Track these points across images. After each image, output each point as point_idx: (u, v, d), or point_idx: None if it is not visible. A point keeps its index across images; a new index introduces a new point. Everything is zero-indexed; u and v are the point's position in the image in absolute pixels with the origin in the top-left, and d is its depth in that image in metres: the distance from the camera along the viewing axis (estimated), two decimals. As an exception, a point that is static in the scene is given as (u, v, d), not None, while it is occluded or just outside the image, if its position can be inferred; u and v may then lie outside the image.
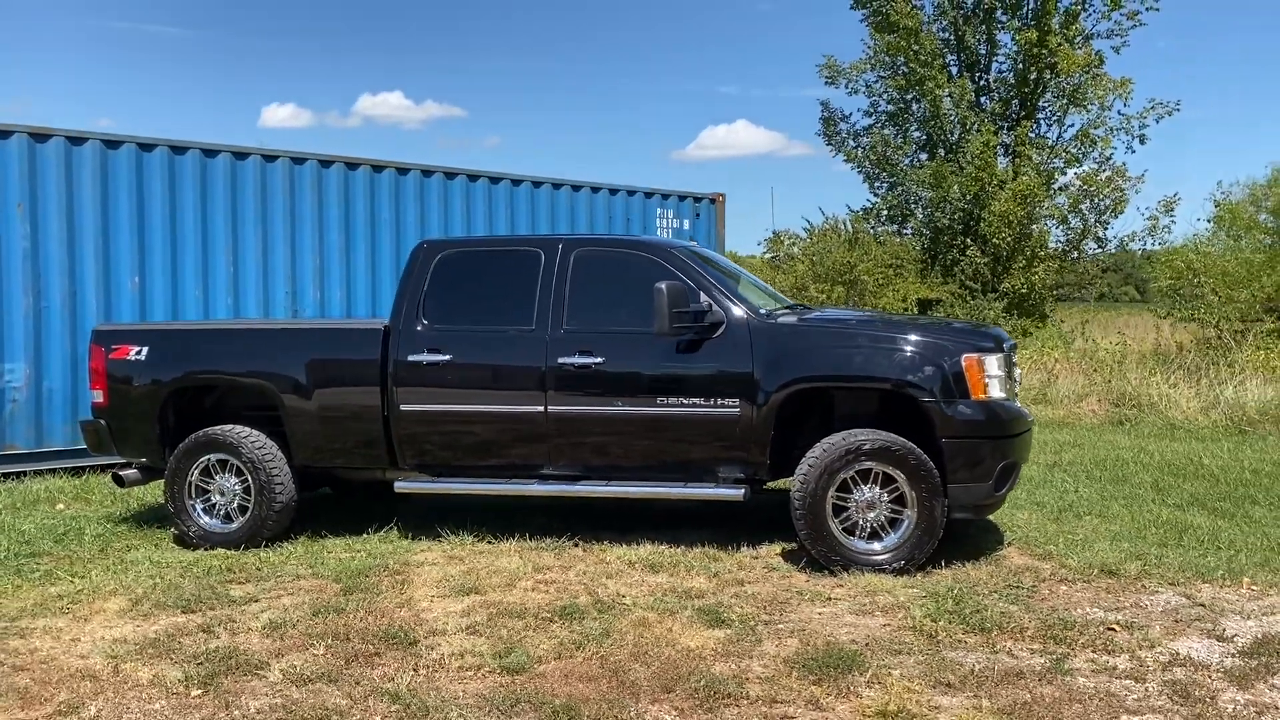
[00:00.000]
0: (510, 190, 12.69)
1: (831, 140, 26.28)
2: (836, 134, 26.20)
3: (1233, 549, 6.92)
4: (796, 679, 4.61)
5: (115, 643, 5.10)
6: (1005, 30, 24.55)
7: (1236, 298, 20.77)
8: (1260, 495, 8.81)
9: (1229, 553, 6.80)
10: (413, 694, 4.41)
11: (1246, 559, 6.63)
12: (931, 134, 24.65)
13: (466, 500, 8.01)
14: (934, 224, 23.95)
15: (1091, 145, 24.33)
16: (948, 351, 6.33)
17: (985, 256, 23.32)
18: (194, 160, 10.50)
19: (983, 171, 23.12)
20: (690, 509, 7.86)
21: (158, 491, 8.58)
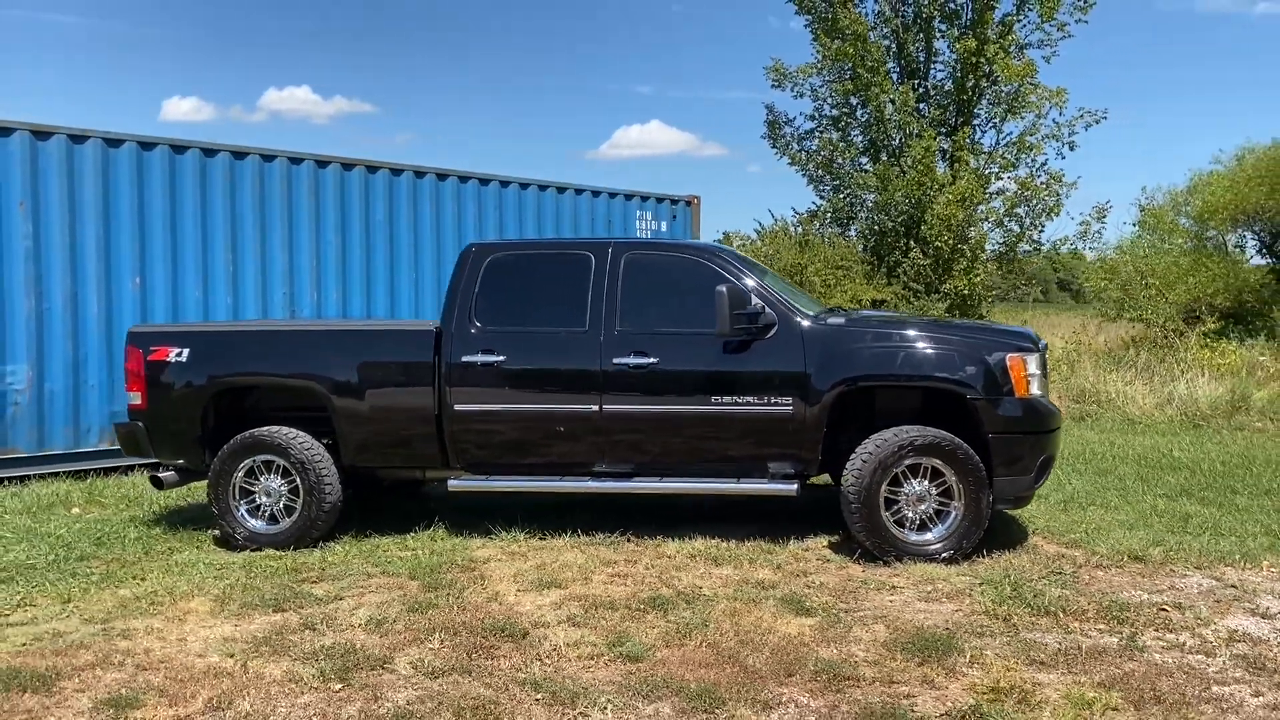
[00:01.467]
0: (499, 191, 12.80)
1: (776, 143, 26.74)
2: (781, 137, 26.67)
3: (1236, 535, 7.41)
4: (902, 661, 4.89)
5: (226, 641, 5.15)
6: (945, 39, 25.30)
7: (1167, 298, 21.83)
8: (1238, 485, 9.39)
9: (1235, 538, 7.28)
10: (551, 682, 4.58)
11: (1254, 544, 7.11)
12: (875, 139, 25.27)
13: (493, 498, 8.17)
14: (879, 227, 24.56)
15: (1026, 151, 25.21)
16: (993, 351, 6.70)
17: (927, 258, 24.01)
18: (194, 159, 10.40)
19: (924, 176, 23.81)
20: (722, 504, 8.10)
21: (171, 494, 8.57)
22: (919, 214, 23.96)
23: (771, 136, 26.79)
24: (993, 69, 24.71)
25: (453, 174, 12.39)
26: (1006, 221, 25.37)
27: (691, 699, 4.41)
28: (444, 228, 12.24)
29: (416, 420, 7.16)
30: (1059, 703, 4.43)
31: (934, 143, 24.26)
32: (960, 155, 24.99)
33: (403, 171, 11.94)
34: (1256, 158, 24.99)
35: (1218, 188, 25.01)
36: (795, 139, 26.54)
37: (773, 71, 26.17)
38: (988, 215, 25.34)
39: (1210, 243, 26.14)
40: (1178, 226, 26.09)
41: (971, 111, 25.84)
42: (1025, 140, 24.71)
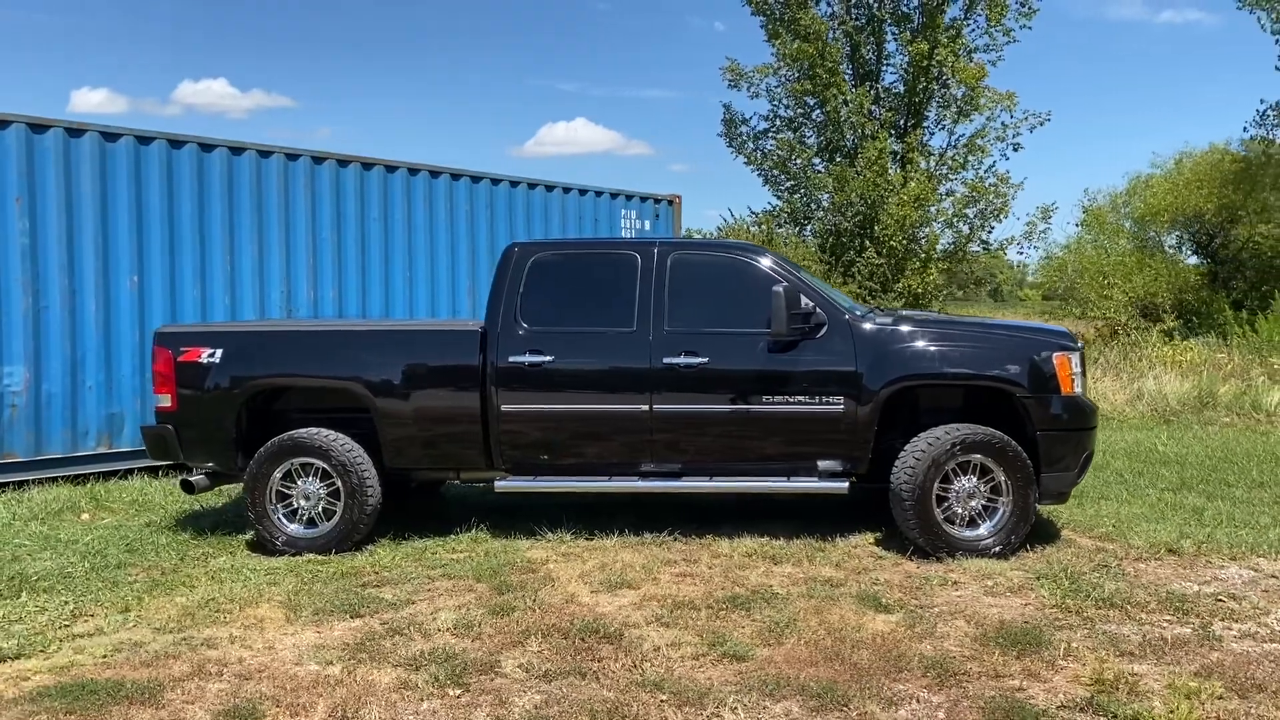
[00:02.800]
0: (490, 189, 12.69)
1: (732, 142, 26.94)
2: (737, 136, 26.88)
3: (1250, 526, 7.68)
4: (998, 655, 4.99)
5: (317, 649, 5.05)
6: (897, 42, 25.73)
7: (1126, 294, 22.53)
8: (1231, 478, 9.74)
9: (1252, 530, 7.55)
10: (669, 682, 4.58)
11: (1275, 534, 7.38)
12: (831, 140, 25.60)
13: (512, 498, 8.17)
14: (835, 227, 24.89)
15: (974, 153, 25.78)
16: (1040, 350, 6.86)
17: (882, 258, 24.42)
18: (191, 154, 10.13)
19: (879, 177, 24.20)
20: (750, 503, 8.14)
21: (181, 499, 8.35)
22: (873, 214, 24.32)
23: (728, 136, 27.00)
24: (943, 72, 25.21)
25: (445, 171, 12.25)
26: (956, 222, 25.88)
27: (815, 697, 4.45)
28: (436, 225, 12.10)
29: (462, 421, 7.08)
30: (1165, 693, 4.55)
31: (887, 144, 24.67)
32: (912, 157, 25.46)
33: (397, 169, 11.77)
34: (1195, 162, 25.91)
35: (1159, 190, 25.87)
36: (751, 138, 26.76)
37: (729, 71, 26.38)
38: (938, 215, 25.82)
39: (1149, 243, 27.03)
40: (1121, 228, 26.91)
41: (922, 114, 26.33)
42: (975, 142, 25.24)
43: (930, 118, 26.50)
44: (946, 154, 25.90)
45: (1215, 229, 26.65)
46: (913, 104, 26.08)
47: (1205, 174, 25.37)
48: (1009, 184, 25.21)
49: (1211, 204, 24.80)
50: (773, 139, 26.59)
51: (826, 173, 25.16)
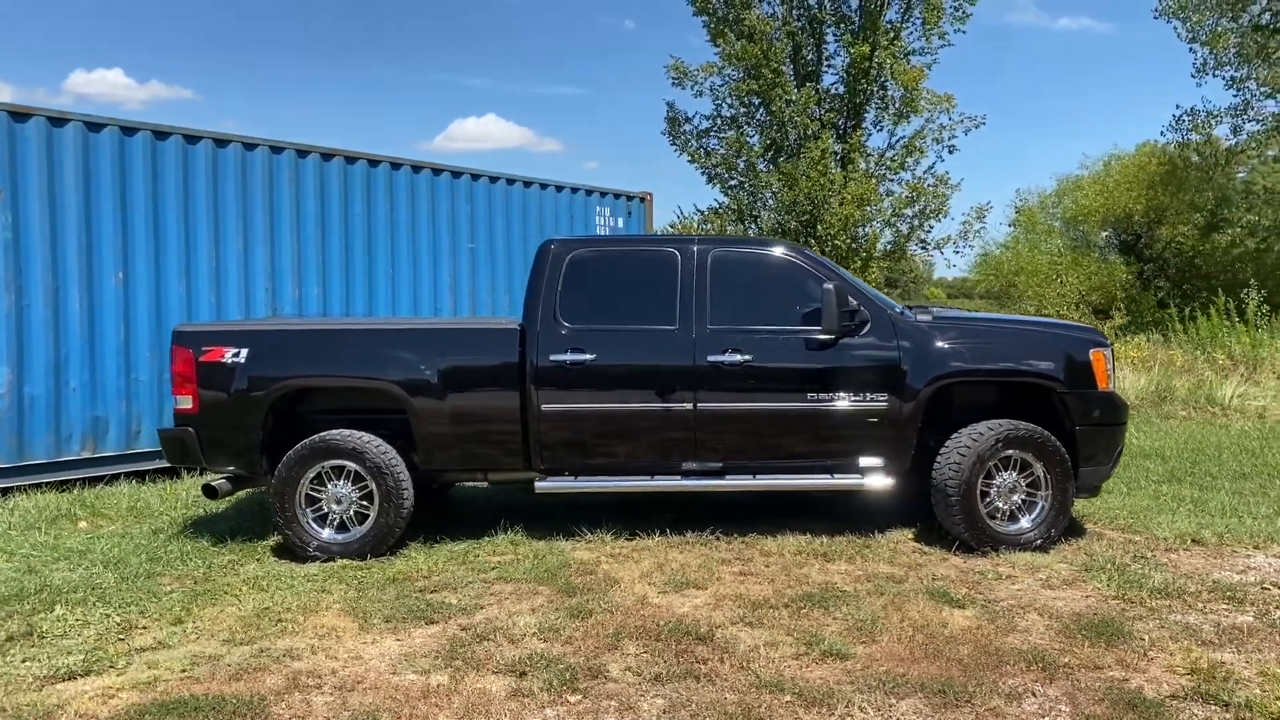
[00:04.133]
0: (470, 185, 12.48)
1: (676, 141, 26.99)
2: (681, 134, 26.93)
3: (1254, 517, 7.94)
4: (1088, 647, 5.07)
5: (408, 658, 4.89)
6: (839, 43, 26.06)
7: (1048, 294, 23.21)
8: (1213, 469, 10.08)
9: (1258, 520, 7.82)
10: (785, 683, 4.54)
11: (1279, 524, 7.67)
12: (775, 139, 25.80)
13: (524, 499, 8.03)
14: (781, 225, 25.10)
15: (913, 154, 26.25)
16: (1078, 347, 7.00)
17: (825, 257, 24.73)
18: (176, 146, 9.75)
19: (822, 176, 24.48)
20: (773, 500, 8.16)
21: (177, 505, 8.05)
22: (818, 214, 24.60)
23: (671, 134, 27.05)
24: (883, 74, 25.61)
25: (426, 167, 12.00)
26: (895, 222, 26.33)
27: (937, 693, 4.46)
28: (419, 221, 11.86)
29: (501, 421, 6.94)
30: (1261, 680, 4.68)
31: (830, 144, 24.97)
32: (853, 157, 25.82)
33: (380, 163, 11.49)
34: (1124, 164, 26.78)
35: (1090, 192, 26.68)
36: (695, 137, 26.84)
37: (673, 70, 26.42)
38: (878, 215, 26.24)
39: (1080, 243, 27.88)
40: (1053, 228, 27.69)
41: (861, 115, 26.71)
42: (914, 144, 25.70)
43: (869, 118, 26.92)
44: (886, 155, 26.33)
45: (1142, 229, 27.64)
46: (853, 105, 26.46)
47: (1134, 176, 26.29)
48: (948, 184, 25.76)
49: (1140, 205, 25.71)
50: (716, 138, 26.74)
51: (772, 171, 25.37)
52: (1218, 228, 29.37)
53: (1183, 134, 31.54)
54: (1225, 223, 29.57)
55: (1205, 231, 28.59)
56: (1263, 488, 9.20)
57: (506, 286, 12.82)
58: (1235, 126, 31.51)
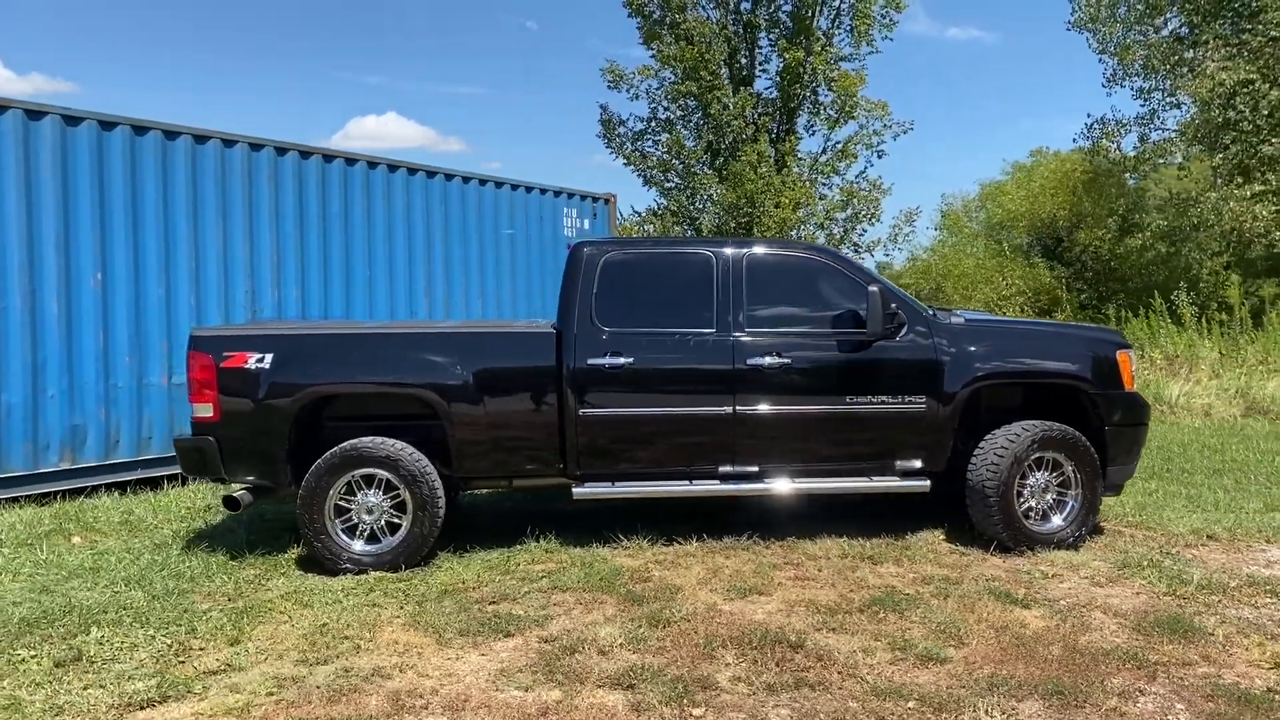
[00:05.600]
0: (444, 185, 12.21)
1: (611, 143, 26.93)
2: (616, 137, 26.88)
3: (1249, 511, 8.24)
4: (1168, 644, 5.17)
5: (504, 674, 4.73)
6: (774, 48, 26.32)
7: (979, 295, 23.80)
8: (1187, 465, 10.45)
9: (1256, 515, 8.10)
10: (906, 689, 4.52)
11: (1276, 518, 7.94)
12: (712, 142, 25.93)
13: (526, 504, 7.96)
14: (721, 227, 25.23)
15: (845, 159, 26.67)
16: (1105, 348, 7.15)
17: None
18: (154, 142, 9.30)
19: (760, 179, 24.70)
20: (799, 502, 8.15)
21: (170, 517, 7.72)
22: (756, 216, 24.80)
23: (606, 136, 26.98)
24: (815, 80, 25.94)
25: (402, 165, 11.70)
26: (828, 225, 26.70)
27: (1054, 695, 4.48)
28: (394, 221, 11.55)
29: (538, 426, 6.79)
30: (1342, 671, 4.83)
31: (766, 148, 25.20)
32: (787, 161, 26.11)
33: (357, 161, 11.17)
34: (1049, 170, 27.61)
35: (1015, 197, 27.45)
36: (630, 139, 26.81)
37: (609, 73, 26.36)
38: (812, 218, 26.58)
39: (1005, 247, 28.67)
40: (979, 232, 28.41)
41: (794, 119, 27.02)
42: (849, 148, 26.09)
43: (801, 123, 27.25)
44: (820, 159, 26.68)
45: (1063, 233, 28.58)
46: (787, 110, 26.75)
47: (1058, 182, 27.14)
48: (880, 189, 26.24)
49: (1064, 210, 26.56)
50: (652, 140, 26.77)
51: (710, 175, 25.48)
52: (1130, 232, 30.51)
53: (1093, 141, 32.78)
54: (1136, 227, 30.75)
55: (1119, 236, 29.69)
56: (1239, 483, 9.55)
57: (480, 289, 12.59)
58: (1142, 135, 32.86)
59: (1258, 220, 26.50)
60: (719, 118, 25.07)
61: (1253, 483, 9.52)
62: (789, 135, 26.46)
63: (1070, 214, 27.75)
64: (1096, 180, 27.46)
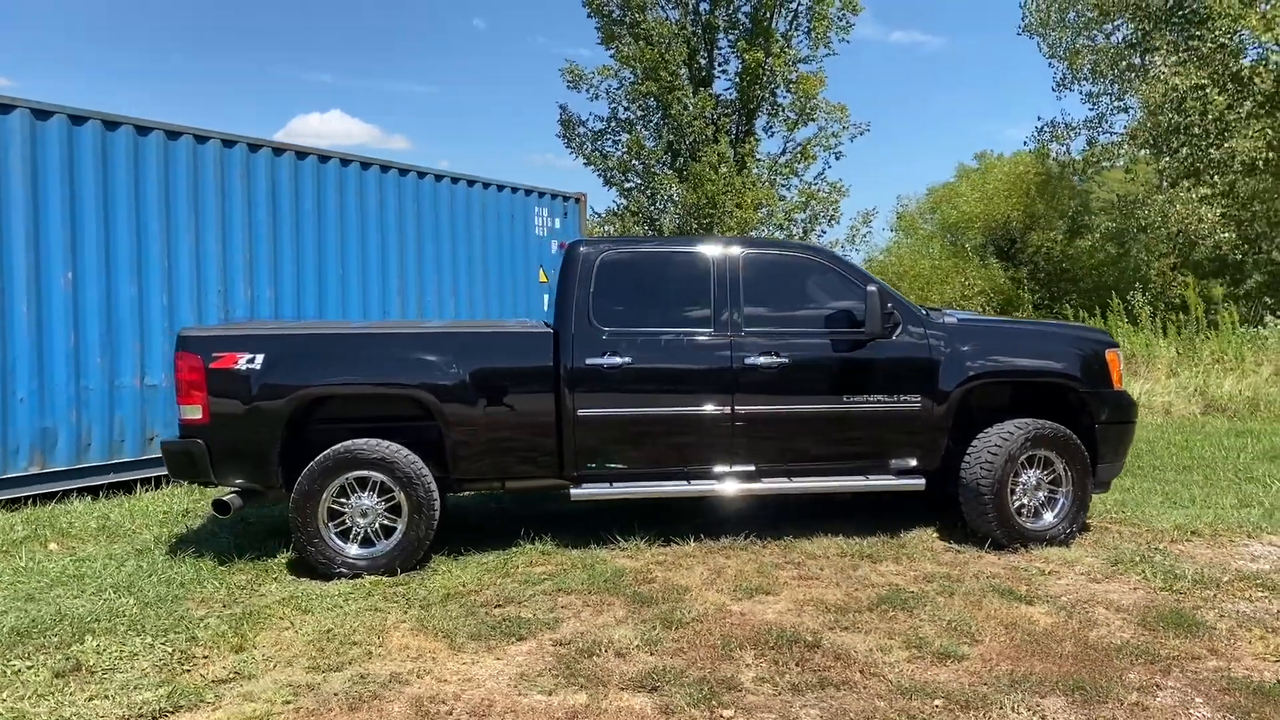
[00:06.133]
0: (417, 183, 12.06)
1: (570, 143, 26.85)
2: (575, 137, 26.81)
3: (1224, 507, 8.39)
4: (1175, 639, 5.24)
5: (522, 677, 4.66)
6: (733, 50, 26.41)
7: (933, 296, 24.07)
8: (1156, 463, 10.63)
9: (1232, 510, 8.26)
10: (928, 687, 4.52)
11: (1255, 514, 8.10)
12: (672, 143, 25.95)
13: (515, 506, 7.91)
14: (683, 228, 25.25)
15: (804, 160, 26.86)
16: (1095, 348, 7.25)
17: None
18: (126, 137, 9.07)
19: (722, 180, 24.77)
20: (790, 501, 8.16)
21: (136, 521, 7.56)
22: (718, 216, 24.87)
23: (566, 136, 26.90)
24: (774, 81, 26.09)
25: (375, 163, 11.54)
26: (788, 226, 26.86)
27: (1073, 691, 4.52)
28: (367, 219, 11.37)
29: (536, 427, 6.72)
30: (1346, 663, 4.93)
31: (727, 149, 25.29)
32: (746, 162, 26.22)
33: (330, 159, 10.99)
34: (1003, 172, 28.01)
35: (970, 198, 27.82)
36: (590, 139, 26.74)
37: (568, 73, 26.28)
38: (771, 218, 26.73)
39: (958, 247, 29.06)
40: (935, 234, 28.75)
41: (754, 120, 27.15)
42: (808, 150, 26.27)
43: (760, 124, 27.39)
44: (779, 160, 26.83)
45: (1017, 234, 29.04)
46: (746, 111, 26.87)
47: (1012, 184, 27.56)
48: (840, 190, 26.45)
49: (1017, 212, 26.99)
50: (612, 140, 26.73)
51: (670, 175, 25.50)
52: (1079, 234, 31.07)
53: (1041, 144, 33.34)
54: (1085, 229, 31.32)
55: (1069, 237, 30.22)
56: (1209, 479, 9.73)
57: (452, 287, 12.46)
58: (1090, 139, 33.49)
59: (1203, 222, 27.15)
60: (679, 118, 25.10)
61: (1222, 479, 9.71)
62: (748, 136, 26.58)
63: (1024, 215, 28.25)
64: (1049, 182, 27.94)
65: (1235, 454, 11.15)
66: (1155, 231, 28.89)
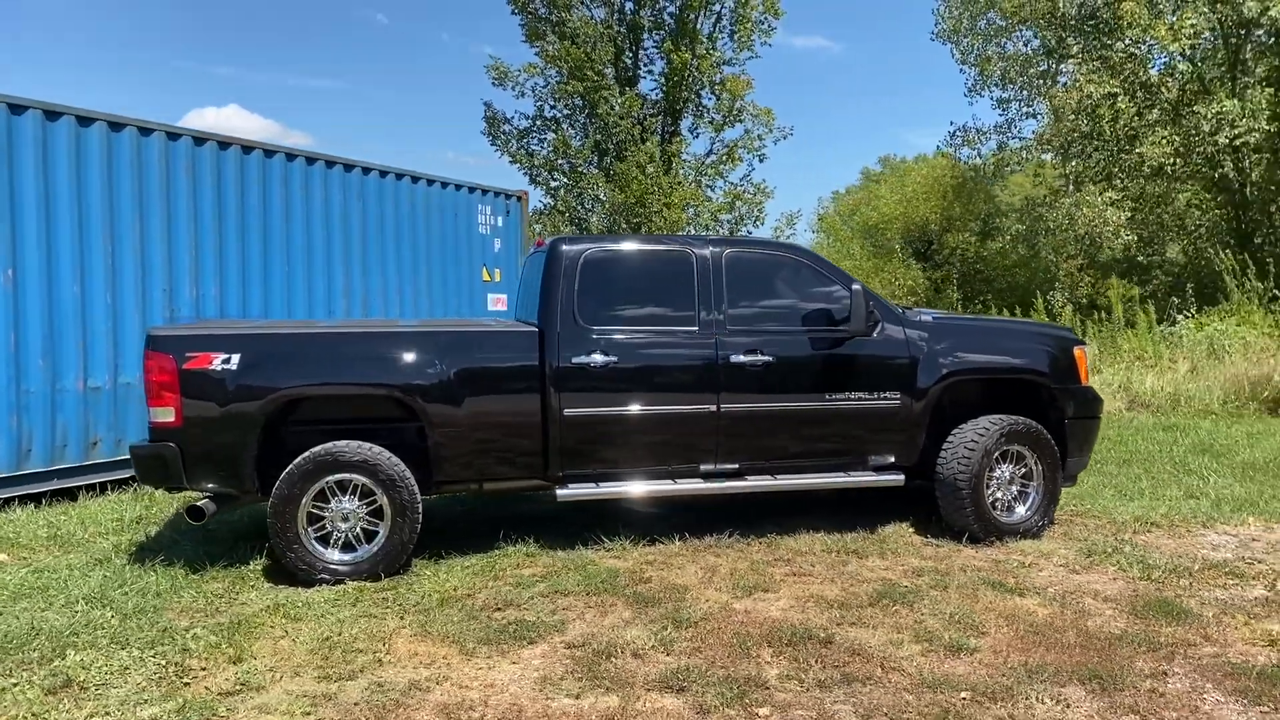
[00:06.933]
0: (361, 178, 11.77)
1: (496, 141, 26.60)
2: (501, 135, 26.55)
3: (1173, 499, 8.67)
4: (1167, 626, 5.40)
5: (545, 682, 4.58)
6: (660, 51, 26.48)
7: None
8: (1098, 457, 10.82)
9: (1179, 501, 8.54)
10: (951, 679, 4.57)
11: (1205, 504, 8.39)
12: (599, 142, 25.90)
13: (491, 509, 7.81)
14: (611, 227, 25.20)
15: (727, 161, 27.08)
16: (1064, 345, 7.44)
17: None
18: (68, 128, 8.67)
19: (650, 180, 24.82)
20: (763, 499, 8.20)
21: (86, 529, 7.27)
22: (645, 216, 24.90)
23: (491, 134, 26.65)
24: (699, 82, 26.24)
25: (320, 157, 11.24)
26: (714, 226, 27.04)
27: (1090, 679, 4.62)
28: (313, 214, 11.07)
29: (522, 427, 6.62)
30: (1330, 646, 5.14)
31: (655, 150, 25.35)
32: (672, 163, 26.32)
33: (276, 154, 10.67)
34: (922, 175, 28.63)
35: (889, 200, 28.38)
36: (515, 137, 26.54)
37: (493, 70, 26.03)
38: (698, 218, 26.88)
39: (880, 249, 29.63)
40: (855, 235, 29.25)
41: (679, 121, 27.27)
42: (734, 151, 26.49)
43: (686, 125, 27.52)
44: (706, 162, 26.99)
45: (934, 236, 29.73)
46: (672, 112, 26.96)
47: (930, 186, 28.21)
48: (764, 192, 26.73)
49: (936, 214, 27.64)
50: (537, 139, 26.57)
51: (597, 174, 25.44)
52: (990, 235, 31.94)
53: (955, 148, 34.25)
54: (996, 231, 32.22)
55: (982, 239, 31.06)
56: (1149, 472, 10.05)
57: (398, 284, 12.21)
58: (1001, 143, 34.47)
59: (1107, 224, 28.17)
60: (606, 118, 25.06)
61: (1162, 471, 10.04)
62: (674, 137, 26.69)
63: (941, 218, 28.95)
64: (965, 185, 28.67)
65: (1168, 447, 11.55)
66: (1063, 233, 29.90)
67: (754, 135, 26.58)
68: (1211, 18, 21.81)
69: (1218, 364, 15.86)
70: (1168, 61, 22.89)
